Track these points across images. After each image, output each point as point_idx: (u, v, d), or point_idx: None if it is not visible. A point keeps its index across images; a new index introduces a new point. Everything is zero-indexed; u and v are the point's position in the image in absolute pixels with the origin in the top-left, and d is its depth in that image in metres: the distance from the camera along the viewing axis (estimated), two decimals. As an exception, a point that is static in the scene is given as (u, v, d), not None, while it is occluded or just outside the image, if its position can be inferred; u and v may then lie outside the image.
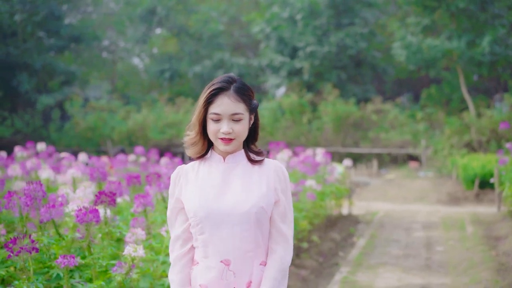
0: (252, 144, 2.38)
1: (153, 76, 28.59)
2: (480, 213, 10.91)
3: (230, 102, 2.24)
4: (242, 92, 2.28)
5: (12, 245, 2.81)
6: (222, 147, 2.27)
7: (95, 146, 22.75)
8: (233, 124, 2.25)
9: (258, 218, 2.25)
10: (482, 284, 5.90)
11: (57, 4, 25.15)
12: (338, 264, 7.06)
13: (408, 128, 20.94)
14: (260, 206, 2.25)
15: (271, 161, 2.37)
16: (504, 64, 20.64)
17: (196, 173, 2.33)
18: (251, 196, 2.25)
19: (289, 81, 24.34)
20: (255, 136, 2.38)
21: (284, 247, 2.30)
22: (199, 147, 2.32)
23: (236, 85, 2.27)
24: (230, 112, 2.24)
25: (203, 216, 2.24)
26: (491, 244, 7.94)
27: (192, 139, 2.32)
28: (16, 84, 23.38)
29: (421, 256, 7.48)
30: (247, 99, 2.29)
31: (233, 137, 2.25)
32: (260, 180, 2.30)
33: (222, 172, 2.30)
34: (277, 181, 2.32)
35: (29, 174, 6.94)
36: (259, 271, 2.28)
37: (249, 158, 2.33)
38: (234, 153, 2.32)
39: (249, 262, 2.26)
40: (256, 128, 2.37)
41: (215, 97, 2.25)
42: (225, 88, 2.25)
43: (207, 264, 2.26)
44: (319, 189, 7.88)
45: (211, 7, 28.88)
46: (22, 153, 9.51)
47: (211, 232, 2.25)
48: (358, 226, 9.84)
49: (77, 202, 3.68)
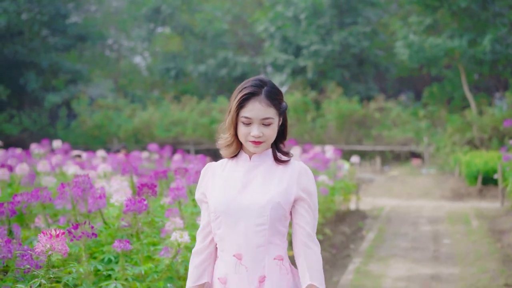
0: (280, 143, 2.42)
1: (158, 75, 28.87)
2: (483, 208, 11.22)
3: (261, 107, 2.28)
4: (273, 97, 2.32)
5: (74, 230, 3.10)
6: (252, 148, 2.33)
7: (102, 144, 23.04)
8: (263, 128, 2.30)
9: (274, 213, 2.27)
10: (489, 274, 6.22)
11: (63, 3, 25.45)
12: (350, 256, 7.37)
13: (410, 126, 21.25)
14: (277, 201, 2.28)
15: (297, 162, 2.40)
16: (505, 62, 20.93)
17: (222, 170, 2.41)
18: (268, 192, 2.29)
19: (293, 79, 24.66)
20: (284, 136, 2.43)
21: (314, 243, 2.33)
22: (233, 148, 2.38)
23: (266, 89, 2.31)
24: (261, 117, 2.28)
25: (222, 211, 2.30)
26: (496, 237, 8.26)
27: (227, 141, 2.37)
28: (24, 83, 23.67)
29: (429, 249, 7.79)
30: (277, 103, 2.33)
31: (263, 140, 2.31)
32: (282, 179, 2.33)
33: (246, 170, 2.36)
34: (300, 181, 2.34)
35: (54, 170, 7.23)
36: (274, 265, 2.30)
37: (275, 157, 2.38)
38: (261, 152, 2.38)
39: (260, 257, 2.29)
40: (285, 129, 2.42)
41: (247, 102, 2.29)
42: (256, 93, 2.30)
43: (224, 258, 2.33)
44: (331, 184, 8.19)
45: (215, 6, 29.16)
46: (39, 150, 9.82)
47: (226, 227, 2.30)
48: (366, 220, 10.15)
49: (120, 193, 3.97)
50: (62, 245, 2.47)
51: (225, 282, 2.31)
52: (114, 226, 3.80)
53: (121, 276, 3.24)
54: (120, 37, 33.13)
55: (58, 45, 25.75)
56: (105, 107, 24.51)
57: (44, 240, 2.46)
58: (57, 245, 2.46)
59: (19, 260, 3.08)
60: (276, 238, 2.31)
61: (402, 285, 6.00)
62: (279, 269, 2.31)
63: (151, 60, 32.70)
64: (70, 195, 3.70)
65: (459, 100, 23.11)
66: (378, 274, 6.43)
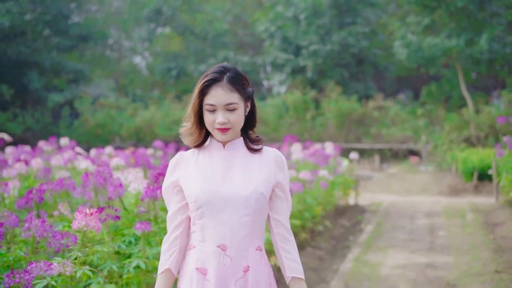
0: (250, 131, 2.42)
1: (160, 74, 29.20)
2: (479, 203, 11.55)
3: (224, 92, 2.27)
4: (236, 82, 2.30)
5: (99, 213, 3.43)
6: (220, 136, 2.32)
7: (104, 143, 23.35)
8: (228, 114, 2.28)
9: (258, 204, 2.29)
10: (482, 262, 6.55)
11: (65, 3, 25.78)
12: (349, 247, 7.71)
13: (408, 124, 21.59)
14: (260, 192, 2.30)
15: (270, 149, 2.42)
16: (502, 62, 21.26)
17: (196, 160, 2.38)
18: (251, 182, 2.30)
19: (293, 78, 25.00)
20: (253, 123, 2.42)
21: (291, 235, 2.40)
22: (195, 137, 2.37)
23: (229, 75, 2.30)
24: (224, 103, 2.27)
25: (204, 201, 2.28)
26: (489, 229, 8.59)
27: (188, 129, 2.37)
28: (27, 82, 23.99)
29: (425, 240, 8.12)
30: (241, 88, 2.31)
31: (229, 127, 2.29)
32: (260, 167, 2.35)
33: (223, 158, 2.35)
34: (277, 169, 2.38)
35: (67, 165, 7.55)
36: (256, 255, 2.33)
37: (247, 146, 2.39)
38: (233, 140, 2.38)
39: (245, 247, 2.30)
40: (253, 115, 2.41)
41: (209, 88, 2.28)
42: (218, 79, 2.28)
43: (204, 248, 2.30)
44: (331, 179, 8.52)
45: (216, 7, 29.52)
46: (47, 147, 10.15)
47: (210, 217, 2.28)
48: (365, 215, 10.48)
49: (137, 182, 4.30)
50: (95, 222, 2.79)
51: (205, 272, 2.29)
52: (132, 212, 4.13)
53: (142, 255, 3.57)
54: (121, 37, 33.45)
55: (60, 45, 26.06)
56: (108, 106, 24.87)
57: (80, 218, 2.78)
58: (91, 222, 2.78)
59: (50, 240, 3.41)
60: (259, 228, 2.33)
61: (398, 272, 6.33)
62: (260, 259, 2.34)
63: (151, 60, 33.03)
64: (93, 183, 4.03)
65: (456, 99, 23.46)
66: (376, 263, 6.76)
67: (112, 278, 3.66)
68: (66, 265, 2.82)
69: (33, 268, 2.80)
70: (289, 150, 9.38)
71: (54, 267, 2.82)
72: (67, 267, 2.83)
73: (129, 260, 3.49)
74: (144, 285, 3.59)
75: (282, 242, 2.38)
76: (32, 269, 2.80)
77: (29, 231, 3.23)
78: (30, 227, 3.22)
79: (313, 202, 7.38)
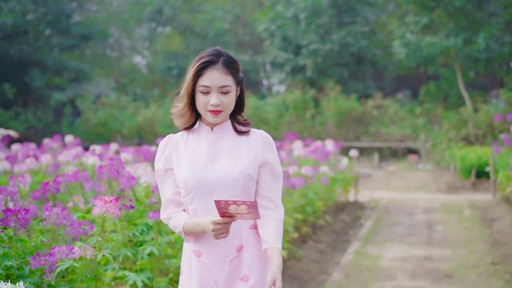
0: (238, 115, 2.44)
1: (160, 73, 29.41)
2: (476, 199, 11.76)
3: (219, 75, 2.30)
4: (230, 65, 2.34)
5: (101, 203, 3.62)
6: (211, 118, 2.34)
7: (106, 141, 23.54)
8: (222, 96, 2.31)
9: (246, 184, 2.32)
10: (478, 254, 6.76)
11: (67, 3, 25.99)
12: (349, 241, 7.91)
13: (407, 123, 21.81)
14: (247, 173, 2.32)
15: (257, 131, 2.44)
16: (499, 61, 21.49)
17: (185, 143, 2.40)
18: (239, 164, 2.33)
19: (292, 77, 25.22)
20: (241, 107, 2.44)
21: (275, 211, 2.38)
22: (187, 118, 2.38)
23: (224, 58, 2.33)
24: (219, 85, 2.30)
25: (194, 185, 2.30)
26: (486, 224, 8.80)
27: (180, 110, 2.37)
28: (29, 81, 24.18)
29: (423, 234, 8.33)
30: (234, 72, 2.35)
31: (221, 109, 2.32)
32: (248, 149, 2.38)
33: (211, 142, 2.37)
34: (264, 149, 2.40)
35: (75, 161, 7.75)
36: (251, 234, 2.35)
37: (235, 129, 2.41)
38: (221, 123, 2.40)
39: (238, 227, 2.31)
40: (242, 100, 2.43)
41: (204, 70, 2.30)
42: (214, 61, 2.31)
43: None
44: (332, 175, 8.72)
45: (216, 6, 29.74)
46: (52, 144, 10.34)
47: (200, 201, 2.31)
48: (364, 211, 10.69)
49: (148, 175, 4.50)
50: (114, 209, 2.99)
51: (199, 254, 2.34)
52: (144, 203, 4.32)
53: (154, 243, 3.77)
54: (121, 37, 33.65)
55: (62, 45, 26.26)
56: (109, 105, 25.09)
57: (100, 205, 2.98)
58: (110, 209, 2.98)
59: (68, 228, 3.60)
60: None
61: (397, 264, 6.53)
62: (255, 238, 2.36)
63: (151, 59, 33.23)
64: (107, 175, 4.22)
65: (455, 98, 23.68)
66: (376, 255, 6.97)
67: (126, 264, 3.85)
68: (87, 249, 3.02)
69: (56, 252, 3.00)
70: (291, 147, 9.59)
71: (75, 251, 3.02)
72: (88, 251, 3.02)
73: (143, 247, 3.69)
74: (157, 270, 3.79)
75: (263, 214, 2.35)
76: (55, 252, 2.99)
77: (50, 219, 3.42)
78: (51, 215, 3.42)
79: (315, 197, 7.58)
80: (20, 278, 2.93)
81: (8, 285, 2.45)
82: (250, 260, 2.34)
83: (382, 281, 5.84)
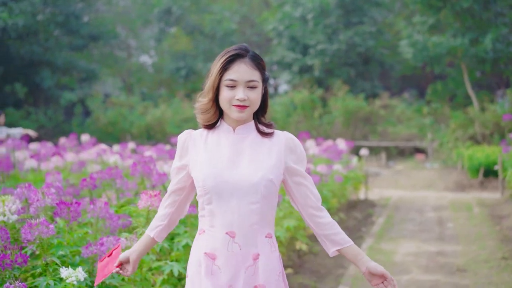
0: (261, 116, 2.35)
1: (169, 73, 29.66)
2: (485, 198, 11.97)
3: (247, 68, 2.23)
4: (258, 61, 2.28)
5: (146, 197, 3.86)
6: (236, 114, 2.24)
7: (115, 140, 23.82)
8: (248, 91, 2.23)
9: (266, 190, 2.22)
10: (488, 250, 6.98)
11: (76, 3, 26.28)
12: (363, 237, 8.14)
13: (414, 122, 22.02)
14: (269, 178, 2.22)
15: (281, 132, 2.34)
16: (506, 61, 21.63)
17: (204, 141, 2.32)
18: (260, 168, 2.22)
19: (300, 77, 25.45)
20: (265, 109, 2.35)
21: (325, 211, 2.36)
22: (210, 115, 2.30)
23: (251, 53, 2.28)
24: (247, 79, 2.22)
25: (212, 186, 2.21)
26: (495, 221, 9.02)
27: (204, 105, 2.29)
28: (39, 81, 24.46)
29: (434, 231, 8.55)
30: (261, 68, 2.28)
31: (247, 104, 2.23)
32: (270, 152, 2.27)
33: (232, 142, 2.28)
34: (288, 152, 2.30)
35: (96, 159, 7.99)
36: (266, 243, 2.26)
37: (258, 130, 2.31)
38: (244, 124, 2.30)
39: (254, 234, 2.23)
40: (266, 101, 2.35)
41: (232, 64, 2.23)
42: (242, 55, 2.25)
43: (213, 234, 2.24)
44: (345, 173, 8.94)
45: (224, 7, 29.99)
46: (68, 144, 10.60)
47: (218, 203, 2.22)
48: (375, 208, 10.91)
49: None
50: (158, 202, 3.23)
51: (214, 257, 2.23)
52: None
53: (189, 235, 4.00)
54: (128, 36, 33.92)
55: (72, 45, 26.53)
56: (118, 104, 25.37)
57: (146, 199, 3.22)
58: (155, 203, 3.22)
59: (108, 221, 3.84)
60: (268, 215, 2.27)
61: (411, 258, 6.76)
62: (269, 247, 2.28)
63: (158, 59, 33.49)
64: (140, 172, 4.46)
65: (461, 98, 23.85)
66: (390, 251, 7.19)
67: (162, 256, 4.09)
68: (133, 239, 3.26)
69: (105, 242, 3.24)
70: (304, 146, 9.81)
71: (122, 241, 3.26)
72: (133, 241, 3.26)
73: (178, 239, 3.92)
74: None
75: (314, 222, 2.33)
76: (104, 242, 3.24)
77: (93, 212, 3.66)
78: (95, 209, 3.66)
79: (329, 194, 7.80)
80: (72, 266, 3.16)
81: (69, 270, 2.70)
82: (266, 269, 2.25)
83: (397, 274, 6.06)
